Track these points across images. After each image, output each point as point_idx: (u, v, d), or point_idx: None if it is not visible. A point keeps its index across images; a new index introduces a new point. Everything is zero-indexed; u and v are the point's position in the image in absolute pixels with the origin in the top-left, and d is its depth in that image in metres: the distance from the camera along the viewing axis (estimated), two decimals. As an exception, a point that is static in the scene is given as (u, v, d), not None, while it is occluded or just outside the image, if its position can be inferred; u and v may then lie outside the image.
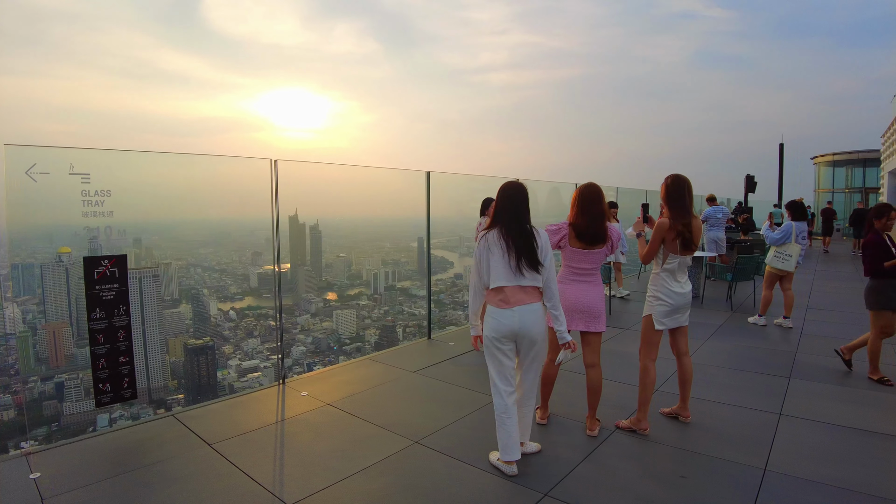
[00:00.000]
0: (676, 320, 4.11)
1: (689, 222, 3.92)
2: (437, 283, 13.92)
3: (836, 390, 5.09)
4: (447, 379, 5.33)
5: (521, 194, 3.49)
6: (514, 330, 3.38)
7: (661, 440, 3.99)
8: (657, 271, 4.11)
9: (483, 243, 3.44)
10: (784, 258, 7.43)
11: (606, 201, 4.06)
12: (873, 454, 3.79)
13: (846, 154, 31.52)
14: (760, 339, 6.98)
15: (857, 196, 29.92)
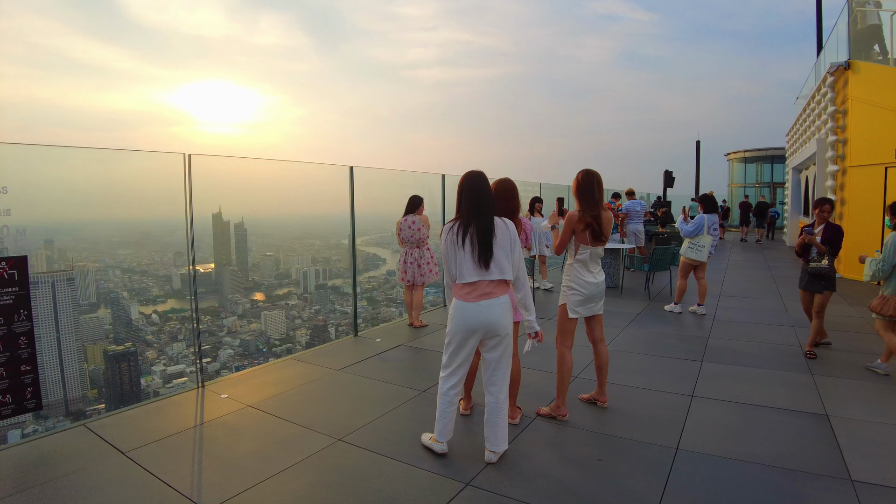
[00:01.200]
0: (590, 309, 4.26)
1: (598, 214, 4.08)
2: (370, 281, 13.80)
3: (744, 371, 5.42)
4: (372, 375, 5.31)
5: (482, 184, 3.46)
6: (479, 323, 3.37)
7: (580, 425, 4.14)
8: (570, 262, 4.25)
9: (448, 237, 3.42)
10: (697, 249, 7.85)
11: (532, 197, 4.17)
12: (775, 429, 4.07)
13: (756, 151, 33.61)
14: (675, 326, 7.34)
15: (767, 190, 31.97)
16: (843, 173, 12.27)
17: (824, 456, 3.63)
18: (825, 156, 13.24)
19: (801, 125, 18.55)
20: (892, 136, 10.45)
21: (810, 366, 5.55)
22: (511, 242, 3.43)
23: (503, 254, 3.39)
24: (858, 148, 11.73)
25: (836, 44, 13.10)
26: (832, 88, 13.09)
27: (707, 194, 8.38)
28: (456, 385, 3.54)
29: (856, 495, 3.13)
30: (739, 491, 3.20)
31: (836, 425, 4.11)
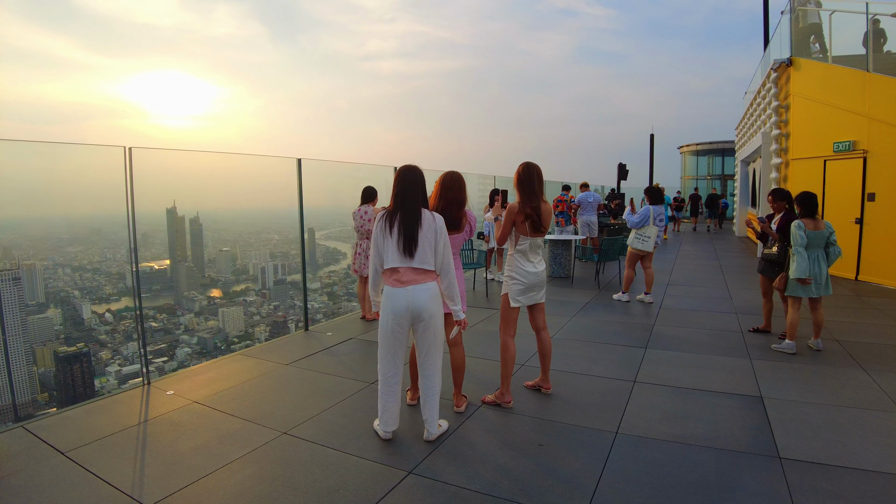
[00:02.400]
0: (532, 298, 4.37)
1: (537, 206, 4.19)
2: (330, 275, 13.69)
3: (686, 357, 5.61)
4: (320, 369, 5.30)
5: (414, 178, 3.59)
6: (407, 307, 3.49)
7: (523, 412, 4.22)
8: (511, 252, 4.35)
9: (379, 224, 3.55)
10: (643, 239, 8.07)
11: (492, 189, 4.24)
12: (712, 411, 4.23)
13: (707, 144, 34.58)
14: (623, 314, 7.53)
15: (718, 182, 32.96)
16: (786, 166, 12.73)
17: (756, 435, 3.80)
18: (770, 149, 13.70)
19: (748, 119, 19.13)
20: (830, 130, 10.89)
21: (748, 350, 5.77)
22: (436, 234, 3.54)
23: (427, 244, 3.51)
24: (800, 141, 12.18)
25: (779, 41, 13.53)
26: (776, 84, 13.54)
27: (654, 186, 8.60)
28: (395, 374, 3.66)
29: (783, 471, 3.30)
30: (674, 471, 3.32)
31: (769, 406, 4.30)
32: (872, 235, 9.94)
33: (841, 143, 10.51)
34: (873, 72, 9.90)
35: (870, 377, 4.95)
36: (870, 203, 9.97)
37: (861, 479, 3.22)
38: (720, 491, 3.10)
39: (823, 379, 4.94)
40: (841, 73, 10.78)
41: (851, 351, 5.75)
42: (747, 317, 7.21)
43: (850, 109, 10.37)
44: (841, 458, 3.47)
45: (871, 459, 3.46)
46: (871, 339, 6.25)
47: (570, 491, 3.11)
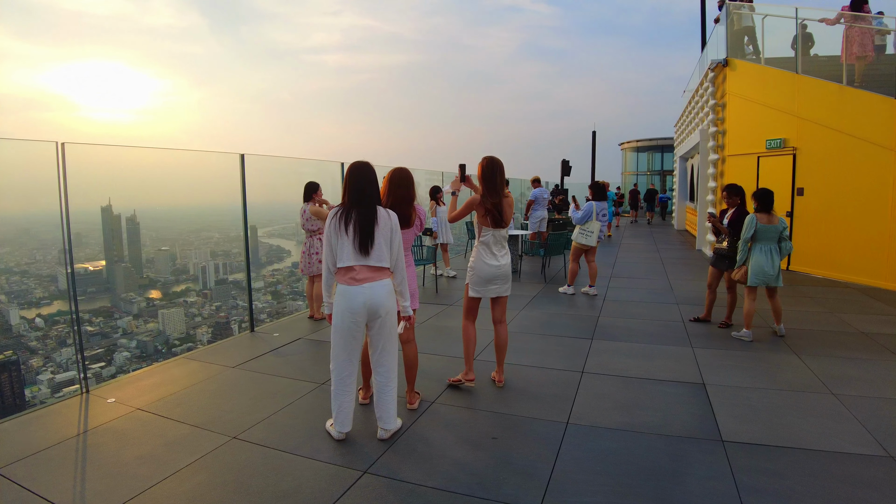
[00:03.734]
0: (493, 290, 4.48)
1: (498, 202, 4.31)
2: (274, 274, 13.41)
3: (631, 347, 5.78)
4: (268, 371, 5.18)
5: (367, 174, 3.55)
6: (364, 305, 3.46)
7: (477, 406, 4.26)
8: (476, 244, 4.48)
9: (332, 223, 3.48)
10: (587, 234, 8.28)
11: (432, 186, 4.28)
12: (658, 399, 4.38)
13: (647, 141, 35.67)
14: (569, 307, 7.70)
15: (657, 178, 34.07)
16: (723, 162, 13.25)
17: (700, 421, 3.96)
18: (707, 145, 14.23)
19: (687, 117, 19.80)
20: (763, 128, 11.40)
21: (690, 339, 6.00)
22: (391, 231, 3.54)
23: (383, 241, 3.50)
24: (735, 138, 12.69)
25: (716, 42, 14.03)
26: (713, 83, 14.07)
27: (597, 182, 8.83)
28: (351, 373, 3.62)
29: (725, 454, 3.45)
30: (624, 458, 3.42)
31: (712, 392, 4.48)
32: (802, 228, 10.49)
33: (773, 140, 11.02)
34: (802, 73, 10.42)
35: (803, 362, 5.23)
36: (799, 197, 10.51)
37: (799, 458, 3.40)
38: (670, 476, 3.21)
39: (761, 365, 5.19)
40: (773, 74, 11.30)
41: (786, 337, 6.06)
42: (688, 307, 7.49)
43: (781, 109, 10.89)
44: (780, 439, 3.65)
45: (808, 439, 3.66)
46: (803, 325, 6.59)
47: (526, 482, 3.15)
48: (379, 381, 3.68)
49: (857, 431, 3.77)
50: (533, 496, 3.01)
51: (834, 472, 3.24)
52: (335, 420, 3.67)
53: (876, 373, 4.96)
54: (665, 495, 3.01)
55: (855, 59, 9.83)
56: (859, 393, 4.46)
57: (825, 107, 9.94)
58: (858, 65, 9.84)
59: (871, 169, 9.06)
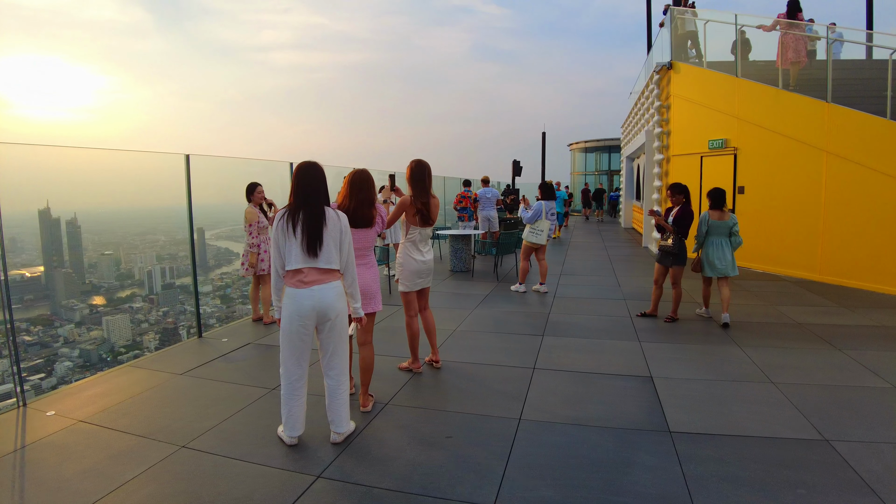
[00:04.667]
0: (420, 283, 4.77)
1: (427, 201, 4.60)
2: (223, 277, 13.05)
3: (581, 342, 5.91)
4: (217, 377, 5.05)
5: (315, 175, 3.52)
6: (313, 308, 3.42)
7: (430, 406, 4.27)
8: (403, 242, 4.72)
9: (279, 224, 3.43)
10: (537, 233, 8.42)
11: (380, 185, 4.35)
12: (607, 393, 4.49)
13: (595, 142, 36.46)
14: (520, 305, 7.80)
15: (605, 177, 34.90)
16: (668, 161, 13.65)
17: (648, 413, 4.09)
18: (653, 146, 14.63)
19: (633, 118, 20.30)
20: (705, 129, 11.82)
21: (638, 334, 6.18)
22: (341, 232, 3.52)
23: (332, 243, 3.48)
24: (679, 139, 13.11)
25: (661, 46, 14.43)
26: (658, 86, 14.46)
27: (546, 182, 8.99)
28: (300, 377, 3.58)
29: (672, 442, 3.58)
30: (575, 451, 3.50)
31: (658, 385, 4.63)
32: (743, 224, 10.73)
33: (715, 140, 11.44)
34: (741, 77, 10.85)
35: (745, 353, 5.45)
36: (740, 195, 10.94)
37: (741, 444, 3.56)
38: (619, 467, 3.30)
39: (705, 357, 5.39)
40: (714, 78, 11.71)
41: (729, 330, 6.31)
42: (635, 302, 7.71)
43: (723, 110, 11.31)
44: (723, 428, 3.81)
45: (749, 426, 3.83)
46: (744, 318, 6.88)
47: (480, 479, 3.19)
48: (330, 384, 3.65)
49: (793, 417, 3.97)
50: (487, 493, 3.04)
51: (772, 456, 3.40)
52: (285, 425, 3.63)
53: (810, 361, 5.23)
54: (615, 486, 3.10)
55: (790, 64, 10.31)
56: (796, 381, 4.69)
57: (763, 109, 10.38)
58: (793, 69, 10.31)
59: (805, 168, 9.51)
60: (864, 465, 3.28)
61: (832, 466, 3.28)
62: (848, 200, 8.88)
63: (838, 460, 3.35)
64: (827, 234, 9.23)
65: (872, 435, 3.69)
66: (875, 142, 8.45)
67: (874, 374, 4.83)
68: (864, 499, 2.95)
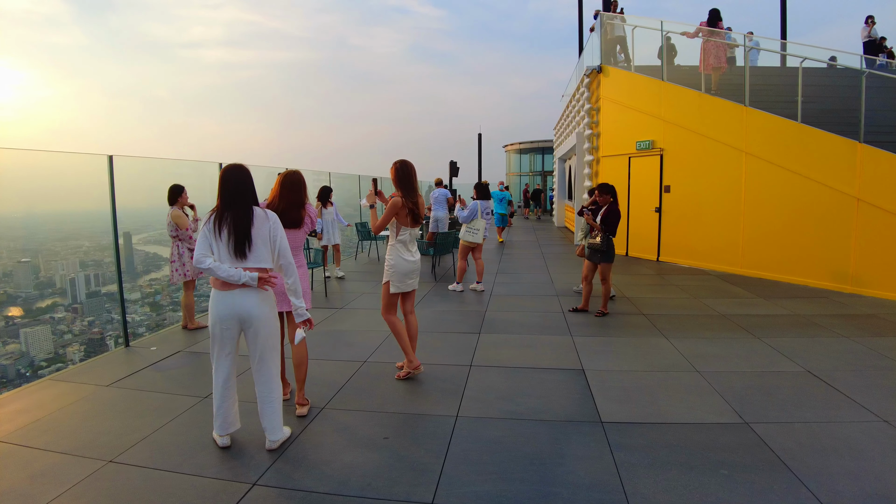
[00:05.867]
0: (409, 284, 4.72)
1: (417, 200, 4.57)
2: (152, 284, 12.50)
3: (516, 338, 6.02)
4: (147, 387, 4.83)
5: (241, 176, 3.46)
6: (235, 312, 3.36)
7: (367, 408, 4.23)
8: (392, 243, 4.65)
9: (207, 226, 3.36)
10: (473, 232, 8.52)
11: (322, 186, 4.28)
12: (541, 387, 4.59)
13: (529, 143, 37.22)
14: (458, 304, 7.87)
15: (539, 178, 35.68)
16: (598, 162, 14.07)
17: (580, 404, 4.20)
18: (583, 147, 15.05)
19: (565, 120, 20.81)
20: (633, 131, 12.27)
21: (570, 328, 6.34)
22: (271, 231, 3.46)
23: (262, 243, 3.42)
24: (609, 141, 13.54)
25: (591, 50, 14.85)
26: (588, 89, 14.88)
27: (481, 182, 9.12)
28: (230, 376, 3.51)
29: (604, 433, 3.70)
30: (510, 446, 3.56)
31: (590, 377, 4.76)
32: (669, 222, 11.42)
33: (642, 142, 11.88)
34: (667, 81, 11.32)
35: (671, 344, 5.69)
36: (666, 194, 11.41)
37: (668, 431, 3.72)
38: (553, 458, 3.38)
39: (634, 349, 5.60)
40: (641, 81, 12.17)
41: (656, 322, 6.56)
42: (567, 298, 7.93)
43: (649, 113, 11.77)
44: (652, 416, 3.97)
45: (676, 413, 4.01)
46: (670, 310, 7.18)
47: (417, 478, 3.19)
48: (260, 391, 3.56)
49: (717, 403, 4.17)
50: (424, 492, 3.05)
51: (698, 440, 3.57)
52: (215, 425, 3.56)
53: (732, 349, 5.52)
54: (549, 477, 3.17)
55: (711, 70, 10.82)
56: (719, 369, 4.94)
57: (687, 112, 10.87)
58: (714, 74, 10.83)
59: (726, 168, 10.02)
60: (780, 444, 3.49)
61: (751, 447, 3.47)
62: (764, 198, 9.42)
63: (757, 441, 3.55)
64: (746, 230, 9.76)
65: (787, 416, 3.94)
66: (787, 143, 9.00)
67: (789, 360, 5.15)
68: (779, 475, 3.14)
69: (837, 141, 8.31)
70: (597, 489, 3.04)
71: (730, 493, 2.97)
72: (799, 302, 7.61)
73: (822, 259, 8.61)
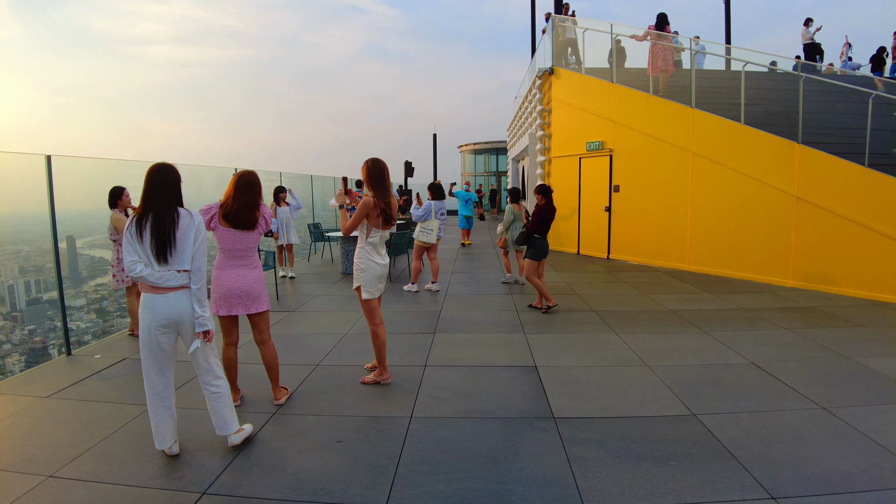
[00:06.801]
0: (381, 288, 4.55)
1: (389, 201, 4.39)
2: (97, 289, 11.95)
3: (470, 337, 5.99)
4: (91, 397, 4.58)
5: (165, 176, 3.32)
6: (171, 317, 3.26)
7: (320, 412, 4.13)
8: (362, 245, 4.46)
9: (130, 230, 3.21)
10: (427, 232, 8.48)
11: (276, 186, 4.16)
12: (495, 384, 4.58)
13: (484, 144, 37.46)
14: (413, 304, 7.80)
15: (493, 178, 35.96)
16: (549, 163, 14.22)
17: (534, 401, 4.21)
18: (535, 148, 15.19)
19: (518, 121, 21.00)
20: (584, 132, 12.46)
21: (523, 326, 6.37)
22: (195, 233, 3.33)
23: (188, 245, 3.30)
24: (560, 141, 13.70)
25: (543, 52, 14.99)
26: (540, 90, 15.03)
27: (435, 182, 9.08)
28: (166, 386, 3.40)
29: (557, 428, 3.71)
30: (464, 444, 3.53)
31: (543, 373, 4.78)
32: (618, 220, 11.65)
33: (592, 142, 12.08)
34: (616, 83, 11.53)
35: (622, 339, 5.78)
36: (616, 194, 11.64)
37: (619, 425, 3.76)
38: (507, 455, 3.36)
39: (586, 345, 5.65)
40: (592, 83, 12.37)
41: (606, 319, 6.66)
42: (522, 297, 7.97)
43: (599, 114, 11.97)
44: (603, 411, 4.01)
45: (627, 407, 4.06)
46: (620, 307, 7.30)
47: (371, 480, 3.12)
48: (208, 389, 3.48)
49: (666, 396, 4.24)
50: (378, 494, 2.99)
51: (648, 433, 3.62)
52: (155, 438, 3.41)
53: (681, 344, 5.64)
54: (503, 474, 3.15)
55: (659, 72, 11.09)
56: (668, 363, 5.03)
57: (636, 113, 11.10)
58: (661, 77, 11.10)
59: (674, 168, 10.28)
60: (727, 434, 3.57)
61: (699, 438, 3.54)
62: (710, 197, 9.70)
63: (704, 432, 3.62)
64: (693, 228, 10.03)
65: (734, 406, 4.03)
66: (731, 144, 9.30)
67: (734, 352, 5.29)
68: (726, 464, 3.21)
69: (778, 142, 8.63)
70: (550, 485, 3.03)
71: (679, 483, 3.01)
72: (744, 296, 7.86)
73: (766, 255, 8.93)
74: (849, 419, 3.79)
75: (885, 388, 4.38)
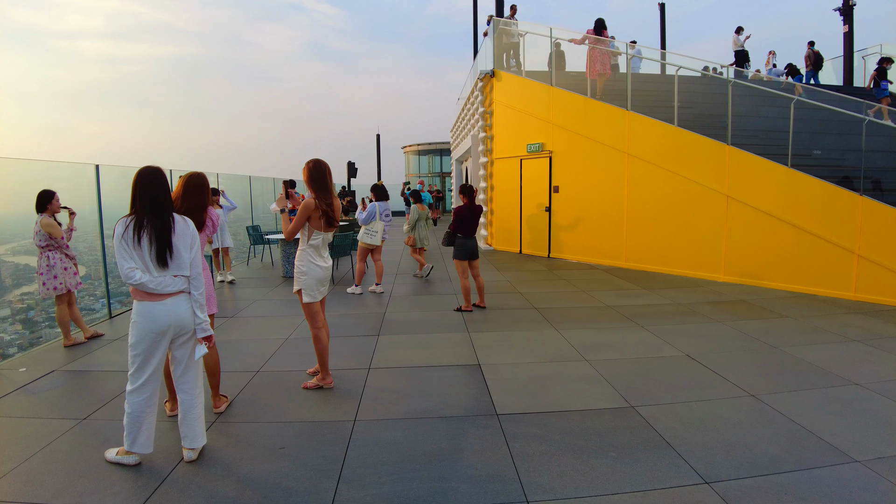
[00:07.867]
0: (323, 291, 4.46)
1: (331, 202, 4.31)
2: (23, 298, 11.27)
3: (414, 339, 5.97)
4: (15, 413, 4.27)
5: (159, 180, 3.25)
6: (170, 322, 3.22)
7: (261, 419, 4.01)
8: (303, 248, 4.36)
9: (124, 235, 3.11)
10: (371, 234, 8.40)
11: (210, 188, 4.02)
12: (439, 384, 4.57)
13: (428, 145, 37.57)
14: (357, 306, 7.70)
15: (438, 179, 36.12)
16: (492, 164, 14.37)
17: (477, 399, 4.22)
18: (478, 149, 15.30)
19: (461, 123, 21.12)
20: (524, 134, 12.64)
21: (467, 325, 6.40)
22: (191, 238, 3.31)
23: (184, 250, 3.26)
24: (501, 143, 13.86)
25: (485, 55, 15.11)
26: (482, 93, 15.15)
27: (378, 184, 9.01)
28: (151, 397, 3.28)
29: (500, 425, 3.74)
30: (410, 446, 3.50)
31: (486, 371, 4.81)
32: (558, 220, 11.88)
33: (532, 144, 12.27)
34: (555, 86, 11.75)
35: (562, 336, 5.88)
36: (555, 194, 11.85)
37: (561, 419, 3.82)
38: (451, 454, 3.36)
39: (527, 342, 5.73)
40: (532, 86, 12.55)
41: (547, 315, 6.77)
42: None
43: (539, 117, 12.17)
44: (546, 406, 4.06)
45: (568, 402, 4.13)
46: (560, 304, 7.44)
47: (315, 485, 3.06)
48: (184, 398, 3.38)
49: (605, 389, 4.34)
50: (323, 499, 2.92)
51: (588, 426, 3.69)
52: (137, 444, 3.26)
53: (619, 338, 5.79)
54: (447, 473, 3.14)
55: (597, 76, 11.35)
56: (606, 357, 5.15)
57: (574, 116, 11.34)
58: (599, 80, 11.38)
59: (610, 168, 10.56)
60: (663, 424, 3.68)
61: (637, 429, 3.64)
62: (645, 196, 10.02)
63: (642, 423, 3.72)
64: (629, 226, 10.34)
65: (670, 398, 4.16)
66: (665, 145, 9.64)
67: (670, 346, 5.47)
68: (663, 452, 3.31)
69: (708, 143, 9.00)
70: (494, 481, 3.04)
71: (619, 473, 3.08)
72: (678, 291, 8.14)
73: (699, 251, 9.29)
74: (776, 405, 3.98)
75: (808, 375, 4.63)
